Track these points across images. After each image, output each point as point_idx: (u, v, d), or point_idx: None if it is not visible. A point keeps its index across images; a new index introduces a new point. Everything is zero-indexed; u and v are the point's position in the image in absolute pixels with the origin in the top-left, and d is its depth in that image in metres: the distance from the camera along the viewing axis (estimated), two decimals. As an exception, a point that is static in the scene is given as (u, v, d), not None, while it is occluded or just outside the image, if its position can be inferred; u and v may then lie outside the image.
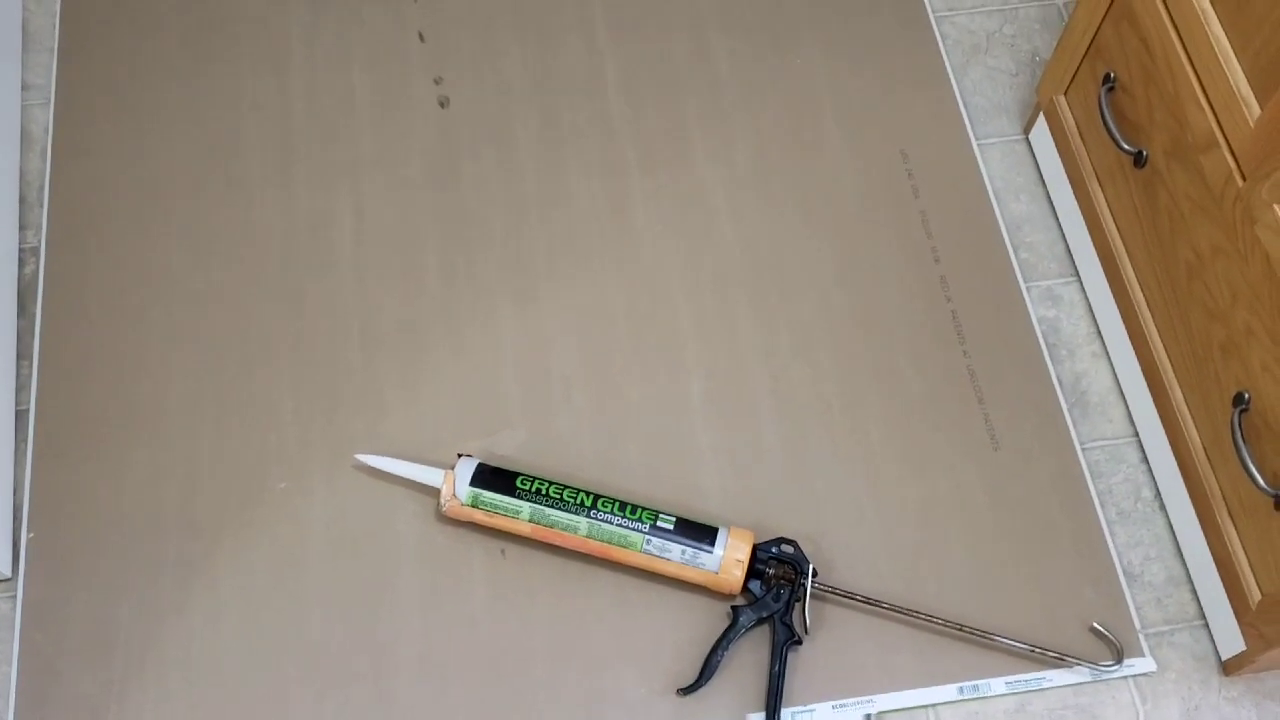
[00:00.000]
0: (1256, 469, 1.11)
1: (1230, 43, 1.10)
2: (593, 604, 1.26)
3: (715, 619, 1.25)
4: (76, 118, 1.52)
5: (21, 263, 1.43)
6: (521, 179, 1.50)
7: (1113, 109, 1.30)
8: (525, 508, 1.23)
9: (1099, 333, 1.42)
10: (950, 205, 1.49)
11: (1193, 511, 1.26)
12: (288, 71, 1.56)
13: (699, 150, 1.52)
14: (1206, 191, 1.16)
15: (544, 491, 1.24)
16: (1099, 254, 1.39)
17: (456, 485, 1.25)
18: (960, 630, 1.23)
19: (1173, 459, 1.29)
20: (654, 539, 1.22)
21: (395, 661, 1.23)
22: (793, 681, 1.23)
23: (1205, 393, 1.22)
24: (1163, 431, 1.30)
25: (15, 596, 1.25)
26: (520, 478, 1.25)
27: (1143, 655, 1.26)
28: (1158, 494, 1.34)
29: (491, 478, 1.25)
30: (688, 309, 1.42)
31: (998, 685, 1.24)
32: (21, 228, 1.45)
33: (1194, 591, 1.29)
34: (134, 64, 1.56)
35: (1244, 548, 1.19)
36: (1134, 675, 1.25)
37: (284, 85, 1.55)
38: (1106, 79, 1.30)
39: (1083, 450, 1.36)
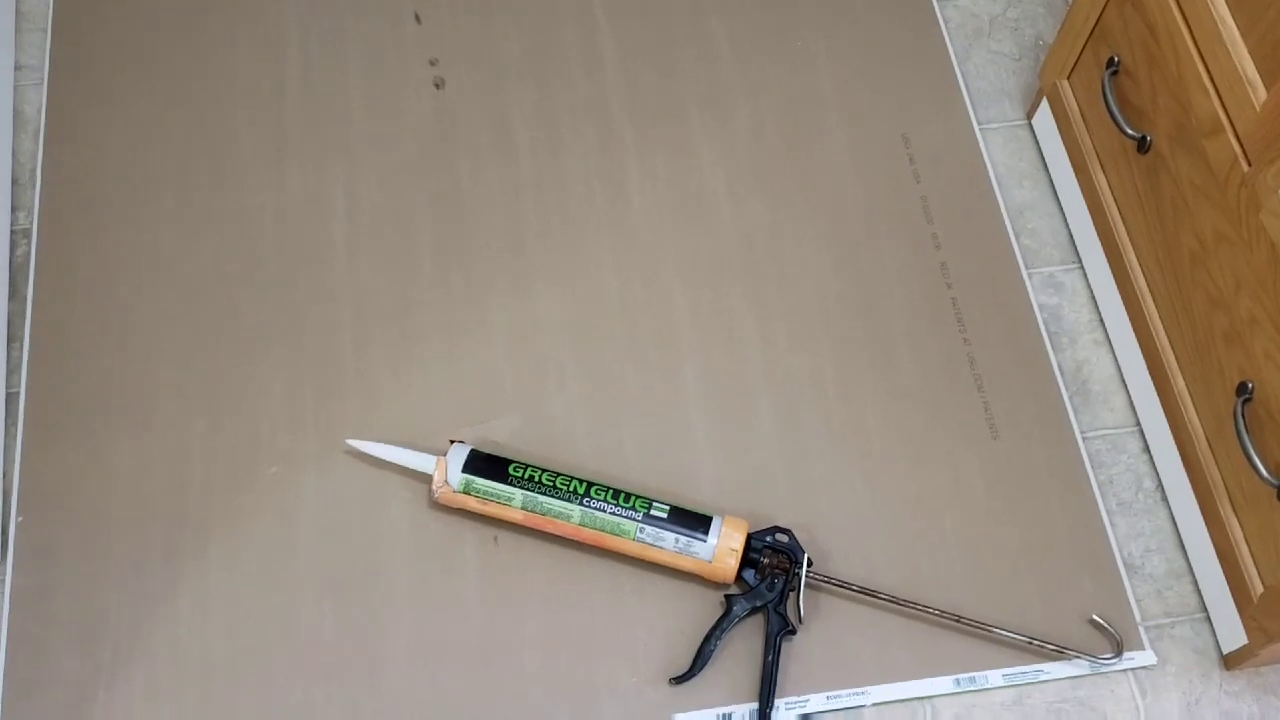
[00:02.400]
0: (1260, 459, 1.10)
1: (1236, 24, 1.08)
2: (585, 592, 1.25)
3: (709, 608, 1.24)
4: (70, 98, 1.51)
5: (13, 244, 1.42)
6: (517, 162, 1.48)
7: (1116, 93, 1.29)
8: (518, 495, 1.22)
9: (1101, 320, 1.40)
10: (952, 191, 1.48)
11: (1195, 503, 1.25)
12: (282, 53, 1.55)
13: (697, 134, 1.51)
14: (1210, 177, 1.14)
15: (537, 479, 1.22)
16: (1101, 241, 1.37)
17: (449, 472, 1.23)
18: (957, 621, 1.22)
19: (1175, 449, 1.28)
20: (647, 527, 1.21)
21: (386, 649, 1.22)
22: (786, 672, 1.22)
23: (1208, 382, 1.20)
24: (1165, 421, 1.29)
25: (4, 581, 1.25)
26: (513, 465, 1.24)
27: (1143, 648, 1.25)
28: (1159, 484, 1.32)
29: (484, 464, 1.24)
30: (684, 294, 1.41)
31: (995, 677, 1.23)
32: (13, 209, 1.44)
33: (1195, 584, 1.28)
34: (128, 44, 1.55)
35: (1246, 540, 1.18)
36: (1134, 668, 1.24)
37: (278, 67, 1.54)
38: (1110, 63, 1.28)
39: (1083, 439, 1.34)
